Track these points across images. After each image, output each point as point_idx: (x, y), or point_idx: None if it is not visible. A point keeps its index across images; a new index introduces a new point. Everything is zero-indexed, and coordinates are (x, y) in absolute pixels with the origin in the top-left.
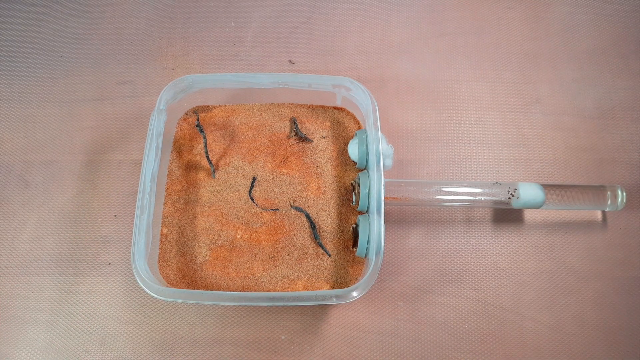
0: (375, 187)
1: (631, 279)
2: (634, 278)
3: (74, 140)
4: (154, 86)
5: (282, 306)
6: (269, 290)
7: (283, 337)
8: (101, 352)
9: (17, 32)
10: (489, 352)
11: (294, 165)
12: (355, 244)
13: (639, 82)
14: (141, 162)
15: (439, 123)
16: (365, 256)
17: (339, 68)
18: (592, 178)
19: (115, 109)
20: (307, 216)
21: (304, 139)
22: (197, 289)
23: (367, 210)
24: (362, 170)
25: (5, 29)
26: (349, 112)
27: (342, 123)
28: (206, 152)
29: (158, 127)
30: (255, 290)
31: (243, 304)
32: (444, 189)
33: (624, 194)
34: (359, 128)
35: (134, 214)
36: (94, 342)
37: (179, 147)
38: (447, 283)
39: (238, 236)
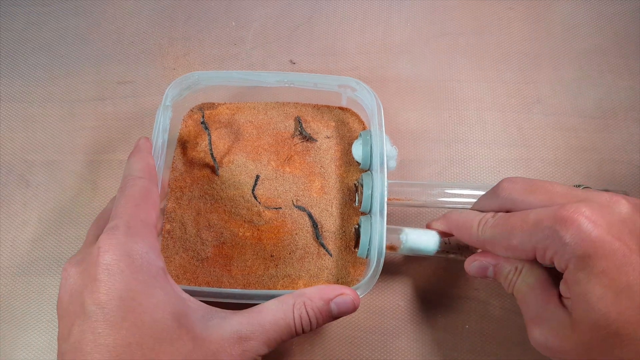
0: (378, 189)
1: None
2: None
3: (75, 140)
4: (154, 86)
5: None
6: (270, 289)
7: None
8: None
9: (17, 31)
10: (490, 352)
11: (297, 165)
12: (357, 244)
13: None
14: None
15: (440, 123)
16: (367, 257)
17: (340, 68)
18: (593, 178)
19: (116, 108)
20: (310, 216)
21: (308, 138)
22: (198, 286)
23: (370, 211)
24: (366, 171)
25: (6, 28)
26: (354, 112)
27: (347, 123)
28: (210, 150)
29: (164, 124)
30: (256, 289)
31: (244, 301)
32: (447, 191)
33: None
34: (364, 129)
35: None
36: None
37: (184, 144)
38: (449, 283)
39: (240, 234)
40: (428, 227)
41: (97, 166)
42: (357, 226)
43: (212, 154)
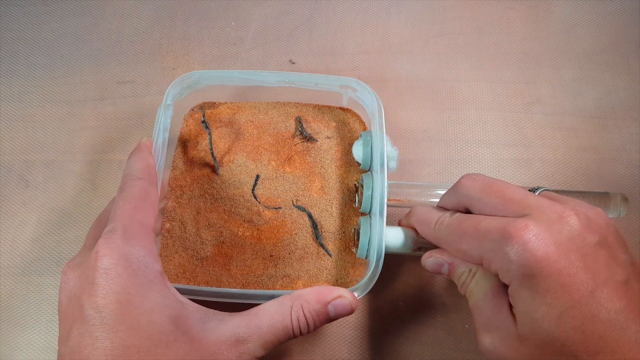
0: (378, 190)
1: None
2: None
3: (75, 140)
4: (154, 86)
5: None
6: (269, 289)
7: None
8: None
9: (17, 31)
10: None
11: (298, 165)
12: (356, 245)
13: (639, 82)
14: None
15: (440, 123)
16: (366, 258)
17: (340, 68)
18: (593, 178)
19: (115, 108)
20: (310, 216)
21: (308, 138)
22: (197, 285)
23: (370, 212)
24: (366, 171)
25: (5, 28)
26: (355, 113)
27: (348, 124)
28: (211, 149)
29: (165, 122)
30: (255, 288)
31: (243, 301)
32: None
33: (627, 203)
34: (365, 129)
35: None
36: None
37: (184, 143)
38: (448, 283)
39: (240, 233)
40: (399, 224)
41: (96, 166)
42: (357, 227)
43: (212, 153)
